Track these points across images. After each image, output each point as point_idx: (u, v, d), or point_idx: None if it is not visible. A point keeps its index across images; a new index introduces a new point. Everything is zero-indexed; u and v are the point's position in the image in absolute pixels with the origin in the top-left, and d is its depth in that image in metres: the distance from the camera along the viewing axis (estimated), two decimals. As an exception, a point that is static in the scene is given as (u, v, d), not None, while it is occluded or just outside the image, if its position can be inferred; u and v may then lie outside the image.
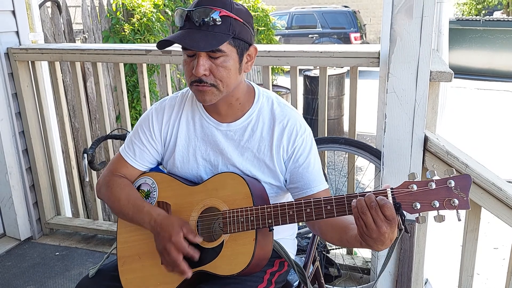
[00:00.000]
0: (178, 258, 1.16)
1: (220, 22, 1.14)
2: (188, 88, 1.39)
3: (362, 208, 1.01)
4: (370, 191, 1.06)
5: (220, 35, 1.14)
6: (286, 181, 1.31)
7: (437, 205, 1.01)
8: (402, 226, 1.04)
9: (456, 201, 1.01)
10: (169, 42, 1.18)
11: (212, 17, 1.13)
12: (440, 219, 1.02)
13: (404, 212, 1.04)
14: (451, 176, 1.02)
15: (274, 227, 1.18)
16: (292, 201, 1.15)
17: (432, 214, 1.04)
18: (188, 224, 1.21)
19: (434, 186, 1.02)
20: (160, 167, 1.45)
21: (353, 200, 1.04)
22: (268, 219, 1.14)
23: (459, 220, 1.02)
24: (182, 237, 1.17)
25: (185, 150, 1.33)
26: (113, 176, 1.35)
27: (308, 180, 1.28)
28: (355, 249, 2.55)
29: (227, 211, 1.18)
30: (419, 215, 1.04)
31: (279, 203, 1.15)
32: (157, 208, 1.27)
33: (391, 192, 1.04)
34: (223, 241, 1.19)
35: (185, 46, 1.15)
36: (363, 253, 2.53)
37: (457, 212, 1.01)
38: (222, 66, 1.17)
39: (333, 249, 2.44)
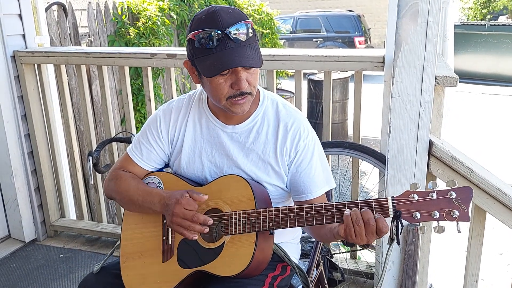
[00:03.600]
0: (193, 213, 1.16)
1: (252, 33, 1.16)
2: (195, 91, 1.40)
3: (358, 220, 1.04)
4: (371, 200, 1.07)
5: (256, 45, 1.18)
6: (287, 182, 1.32)
7: (437, 215, 1.02)
8: (394, 236, 1.05)
9: (457, 213, 1.01)
10: (219, 68, 1.13)
11: (250, 28, 1.15)
12: (440, 230, 1.03)
13: (403, 221, 1.05)
14: (453, 187, 1.02)
15: (274, 231, 1.19)
16: (294, 206, 1.16)
17: (432, 225, 1.05)
18: (192, 189, 1.22)
19: (435, 196, 1.02)
20: (164, 170, 1.47)
21: (347, 210, 1.07)
22: (269, 222, 1.15)
23: (459, 232, 1.02)
24: (188, 197, 1.18)
25: (191, 152, 1.34)
26: (120, 171, 1.37)
27: (309, 185, 1.29)
28: (358, 254, 2.55)
29: (230, 213, 1.19)
30: (419, 225, 1.05)
31: (281, 207, 1.16)
32: (166, 190, 1.29)
33: (392, 200, 1.05)
34: (223, 242, 1.20)
35: (249, 66, 1.13)
36: (367, 258, 2.52)
37: (457, 224, 1.02)
38: (255, 73, 1.20)
39: (336, 253, 2.43)
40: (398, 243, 1.06)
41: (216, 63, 1.13)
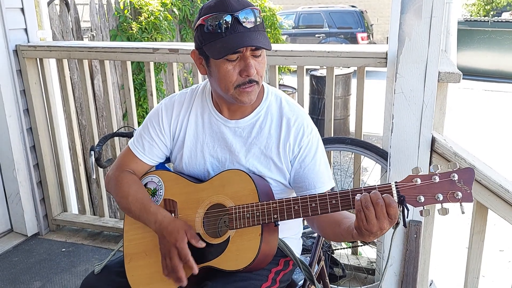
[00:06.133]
0: (179, 265, 1.19)
1: (260, 21, 1.17)
2: (197, 85, 1.40)
3: (366, 202, 1.02)
4: (375, 186, 1.07)
5: (264, 32, 1.19)
6: (290, 179, 1.32)
7: (441, 198, 1.03)
8: (400, 220, 1.05)
9: (460, 194, 1.02)
10: (230, 48, 1.13)
11: (258, 17, 1.16)
12: (444, 212, 1.03)
13: (408, 205, 1.05)
14: (454, 169, 1.03)
15: (279, 222, 1.19)
16: (298, 196, 1.16)
17: (436, 207, 1.05)
18: (192, 229, 1.22)
19: (437, 179, 1.03)
20: (166, 165, 1.46)
21: (358, 194, 1.06)
22: (273, 214, 1.15)
23: (463, 213, 1.03)
24: (186, 242, 1.18)
25: (193, 146, 1.34)
26: (122, 172, 1.37)
27: (313, 181, 1.28)
28: (360, 250, 2.55)
29: (233, 207, 1.19)
30: (423, 208, 1.05)
31: (285, 198, 1.16)
32: (163, 210, 1.28)
33: (395, 185, 1.05)
34: (229, 237, 1.20)
35: (260, 46, 1.14)
36: (368, 254, 2.52)
37: (461, 205, 1.03)
38: (263, 62, 1.21)
39: (338, 249, 2.43)
40: (404, 225, 1.06)
41: (226, 45, 1.13)
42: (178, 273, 1.19)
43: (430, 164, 1.60)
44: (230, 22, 1.13)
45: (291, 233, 1.42)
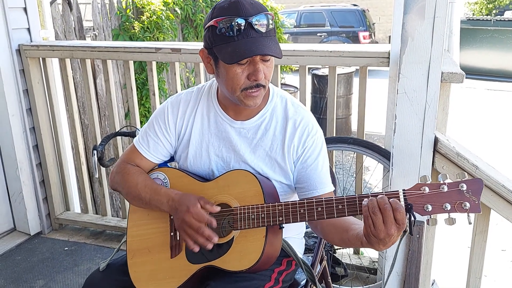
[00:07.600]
0: (200, 225, 1.17)
1: (272, 26, 1.17)
2: (203, 84, 1.40)
3: (373, 208, 1.01)
4: (382, 192, 1.06)
5: (275, 38, 1.19)
6: (294, 179, 1.32)
7: (449, 208, 1.01)
8: (407, 228, 1.04)
9: (468, 205, 1.01)
10: (242, 54, 1.13)
11: (271, 22, 1.16)
12: (451, 222, 1.02)
13: (415, 213, 1.04)
14: (463, 179, 1.02)
15: (284, 225, 1.18)
16: (304, 200, 1.15)
17: (443, 216, 1.04)
18: (204, 198, 1.22)
19: (446, 189, 1.02)
20: (168, 164, 1.47)
21: (365, 200, 1.05)
22: (279, 216, 1.15)
23: (470, 223, 1.02)
24: (200, 207, 1.18)
25: (199, 145, 1.34)
26: (128, 164, 1.37)
27: (314, 182, 1.29)
28: (361, 249, 2.55)
29: (238, 208, 1.19)
30: (430, 217, 1.04)
31: (291, 201, 1.16)
32: (173, 189, 1.28)
33: (403, 193, 1.04)
34: (233, 237, 1.20)
35: (271, 55, 1.14)
36: (370, 253, 2.52)
37: (468, 215, 1.02)
38: (271, 66, 1.21)
39: (340, 248, 2.44)
40: (411, 233, 1.05)
41: (238, 50, 1.13)
42: (203, 232, 1.17)
43: (433, 164, 1.60)
44: (243, 26, 1.13)
45: (294, 233, 1.42)
